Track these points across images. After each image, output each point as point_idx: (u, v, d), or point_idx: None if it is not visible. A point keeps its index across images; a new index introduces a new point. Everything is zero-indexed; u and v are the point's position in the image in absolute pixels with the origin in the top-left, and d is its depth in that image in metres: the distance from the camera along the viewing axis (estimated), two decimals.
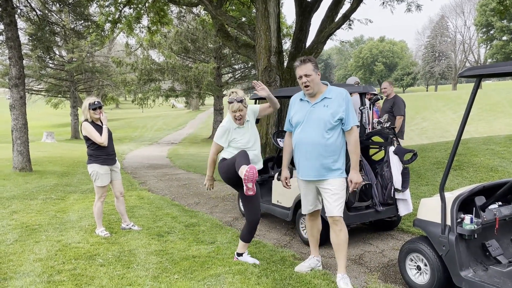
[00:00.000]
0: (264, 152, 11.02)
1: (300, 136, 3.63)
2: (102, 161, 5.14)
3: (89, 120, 5.12)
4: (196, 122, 43.10)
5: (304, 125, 3.61)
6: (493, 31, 58.11)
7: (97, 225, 5.37)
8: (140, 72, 25.57)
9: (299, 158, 3.68)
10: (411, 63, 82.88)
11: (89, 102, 5.10)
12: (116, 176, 5.41)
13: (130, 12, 14.61)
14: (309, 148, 3.57)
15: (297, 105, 3.75)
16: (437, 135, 25.47)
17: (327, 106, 3.55)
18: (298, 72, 3.57)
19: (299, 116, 3.66)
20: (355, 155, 3.57)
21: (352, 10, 10.81)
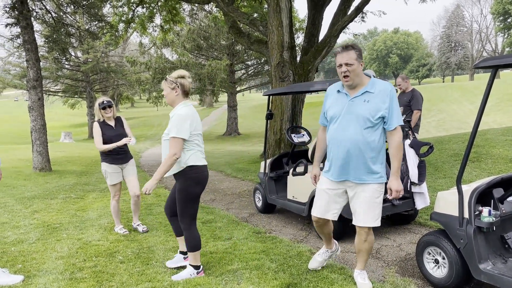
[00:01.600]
0: (279, 148, 11.04)
1: (336, 132, 3.24)
2: (110, 160, 5.16)
3: (101, 120, 5.19)
4: (210, 119, 43.31)
5: (341, 120, 3.21)
6: (510, 19, 56.77)
7: (115, 223, 5.46)
8: (154, 71, 25.81)
9: (333, 156, 3.30)
10: (426, 54, 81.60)
11: (98, 102, 5.18)
12: (128, 175, 5.31)
13: (143, 12, 14.76)
14: (345, 147, 3.19)
15: (334, 97, 3.34)
16: (454, 126, 25.08)
17: (367, 101, 3.14)
18: (338, 60, 3.18)
19: (336, 110, 3.26)
20: (397, 159, 3.21)
21: (365, 2, 10.70)
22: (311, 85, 5.49)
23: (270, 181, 6.11)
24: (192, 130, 3.63)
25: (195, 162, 3.66)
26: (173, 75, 3.78)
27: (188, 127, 3.58)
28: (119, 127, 5.25)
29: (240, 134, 29.85)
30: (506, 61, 2.80)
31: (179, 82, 3.74)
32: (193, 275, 3.76)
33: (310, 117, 24.15)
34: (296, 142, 5.98)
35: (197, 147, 3.71)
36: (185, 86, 3.77)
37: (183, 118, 3.57)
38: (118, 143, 5.07)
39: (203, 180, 3.74)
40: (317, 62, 11.38)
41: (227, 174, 10.71)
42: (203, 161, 3.76)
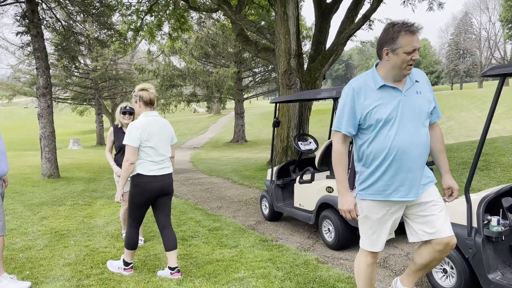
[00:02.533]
0: (286, 156, 11.03)
1: (398, 139, 2.49)
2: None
3: (119, 125, 5.19)
4: (217, 126, 43.43)
5: (400, 122, 2.50)
6: None
7: (122, 228, 5.47)
8: (162, 78, 26.01)
9: (393, 171, 2.53)
10: (434, 61, 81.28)
11: (121, 106, 5.16)
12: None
13: (152, 20, 14.92)
14: (415, 155, 2.52)
15: (375, 94, 2.54)
16: (463, 134, 24.89)
17: (420, 92, 2.58)
18: (409, 43, 2.41)
19: (388, 110, 2.50)
20: (445, 154, 2.78)
21: (372, 10, 10.73)
22: (318, 92, 5.50)
23: (277, 189, 6.10)
24: (142, 139, 3.81)
25: (142, 171, 3.84)
26: (136, 89, 4.02)
27: (137, 136, 3.77)
28: None
29: (247, 141, 29.88)
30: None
31: (139, 95, 3.94)
32: (120, 268, 4.11)
33: (317, 124, 24.12)
34: (303, 149, 5.97)
35: (148, 157, 3.87)
36: (144, 97, 3.94)
37: (133, 127, 3.81)
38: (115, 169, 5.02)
39: (148, 190, 3.88)
40: (324, 69, 11.39)
41: (234, 181, 10.71)
42: (155, 172, 3.89)
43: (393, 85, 2.54)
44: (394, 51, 2.45)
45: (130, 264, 4.12)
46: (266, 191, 6.36)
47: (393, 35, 2.44)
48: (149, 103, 3.97)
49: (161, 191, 3.97)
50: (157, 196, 3.98)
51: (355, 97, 2.58)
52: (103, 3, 14.20)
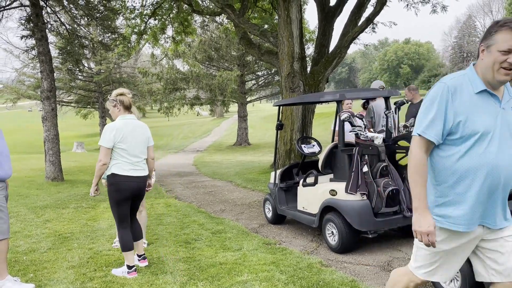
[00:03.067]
0: (289, 158, 11.01)
1: (501, 157, 2.07)
2: None
3: None
4: (220, 129, 43.47)
5: (495, 137, 2.08)
6: None
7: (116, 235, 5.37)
8: (166, 82, 26.07)
9: (485, 195, 2.11)
10: (438, 64, 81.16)
11: None
12: None
13: (155, 23, 14.97)
14: (506, 176, 2.10)
15: (473, 100, 2.11)
16: None
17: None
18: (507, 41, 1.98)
19: (486, 122, 2.08)
20: None
21: (376, 13, 10.72)
22: (321, 95, 5.50)
23: (280, 192, 6.09)
24: (116, 141, 4.02)
25: (116, 171, 4.06)
26: (113, 94, 4.20)
27: (111, 138, 4.00)
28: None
29: (250, 144, 29.87)
30: None
31: (119, 99, 4.17)
32: (124, 273, 4.13)
33: (321, 127, 24.10)
34: (306, 152, 5.96)
35: (122, 158, 4.08)
36: (125, 102, 4.19)
37: (108, 129, 4.03)
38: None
39: (124, 189, 4.08)
40: (327, 72, 11.38)
41: (237, 185, 10.70)
42: (129, 172, 4.09)
43: (492, 92, 2.11)
44: (489, 47, 2.05)
45: (132, 267, 4.15)
46: (269, 194, 6.35)
47: (492, 30, 2.05)
48: (129, 107, 4.21)
49: (137, 191, 4.19)
50: (134, 195, 4.19)
51: (449, 99, 2.09)
52: (107, 7, 14.26)
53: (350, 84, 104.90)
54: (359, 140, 4.74)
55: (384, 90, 5.44)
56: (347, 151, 4.81)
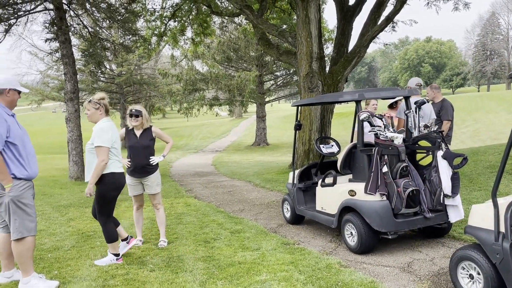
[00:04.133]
0: (307, 159, 10.98)
1: None
2: (128, 171, 5.20)
3: (129, 128, 5.26)
4: (239, 129, 43.60)
5: None
6: None
7: (137, 234, 5.47)
8: (185, 83, 26.31)
9: None
10: (460, 63, 79.51)
11: (129, 108, 5.30)
12: (147, 189, 5.28)
13: (175, 25, 15.14)
14: None
15: None
16: (491, 137, 24.22)
17: None
18: None
19: None
20: None
21: (396, 12, 10.58)
22: (340, 95, 5.47)
23: (298, 192, 6.08)
24: (112, 141, 4.39)
25: (114, 169, 4.41)
26: (96, 97, 4.49)
27: (109, 138, 4.35)
28: (144, 139, 5.14)
29: (268, 144, 29.87)
30: None
31: (102, 103, 4.49)
32: (113, 261, 4.53)
33: (340, 127, 23.93)
34: (325, 152, 5.93)
35: (115, 157, 4.46)
36: (107, 106, 4.55)
37: (104, 130, 4.35)
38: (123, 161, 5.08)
39: (120, 186, 4.52)
40: (346, 72, 11.30)
41: (256, 185, 10.73)
42: (121, 169, 4.51)
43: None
44: None
45: (118, 254, 4.58)
46: (288, 194, 6.35)
47: None
48: (108, 111, 4.59)
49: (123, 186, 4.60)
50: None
51: None
52: (128, 9, 14.51)
53: (369, 83, 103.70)
54: (378, 140, 4.70)
55: (404, 89, 5.37)
56: (367, 151, 4.78)
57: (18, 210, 3.77)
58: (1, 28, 12.81)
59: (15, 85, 3.92)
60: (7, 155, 3.74)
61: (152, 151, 5.24)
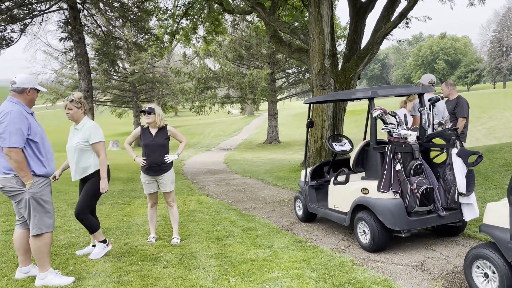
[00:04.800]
0: (320, 156, 10.95)
1: None
2: (144, 170, 5.24)
3: (145, 126, 5.31)
4: (251, 127, 43.64)
5: None
6: None
7: (151, 231, 5.52)
8: (197, 81, 26.43)
9: None
10: (475, 59, 78.25)
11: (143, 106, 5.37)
12: (161, 187, 5.30)
13: (187, 24, 15.21)
14: None
15: None
16: (507, 134, 23.81)
17: None
18: None
19: None
20: None
21: (409, 8, 10.47)
22: (353, 93, 5.44)
23: (310, 190, 6.07)
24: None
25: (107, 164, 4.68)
26: (77, 96, 4.65)
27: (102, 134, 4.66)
28: (159, 137, 5.17)
29: (280, 142, 29.85)
30: None
31: (83, 102, 4.69)
32: (105, 248, 4.71)
33: (352, 125, 23.78)
34: (338, 150, 5.90)
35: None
36: (86, 105, 4.79)
37: (98, 127, 4.63)
38: (136, 158, 5.22)
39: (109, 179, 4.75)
40: (359, 69, 11.23)
41: (268, 182, 10.74)
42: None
43: None
44: None
45: (106, 240, 4.77)
46: (300, 192, 6.34)
47: None
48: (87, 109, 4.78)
49: None
50: None
51: None
52: (140, 8, 14.62)
53: (382, 80, 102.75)
54: (391, 137, 4.67)
55: (418, 86, 5.31)
56: (380, 149, 4.75)
57: (38, 206, 3.85)
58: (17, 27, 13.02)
59: (34, 84, 4.00)
60: (28, 153, 3.81)
61: (167, 150, 5.27)
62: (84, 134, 4.54)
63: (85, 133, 4.54)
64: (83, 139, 4.53)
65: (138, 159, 5.18)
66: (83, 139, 4.53)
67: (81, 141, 4.53)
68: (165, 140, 5.22)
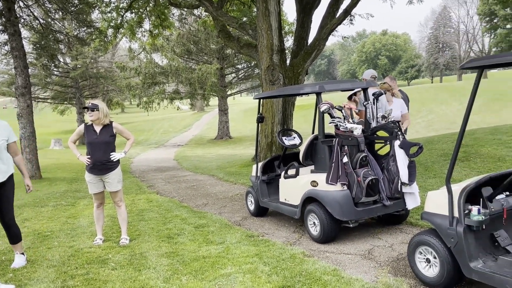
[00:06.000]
0: (271, 151, 11.05)
1: None
2: (88, 169, 5.03)
3: (88, 123, 5.09)
4: (201, 123, 43.22)
5: None
6: (496, 19, 57.43)
7: (98, 233, 5.32)
8: (144, 76, 25.71)
9: None
10: (415, 55, 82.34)
11: (86, 103, 5.14)
12: (107, 187, 5.11)
13: (132, 17, 14.71)
14: None
15: None
16: (444, 127, 25.33)
17: None
18: None
19: None
20: None
21: (353, 5, 10.78)
22: (301, 88, 5.52)
23: (262, 184, 6.11)
24: None
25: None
26: None
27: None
28: (104, 135, 4.97)
29: (231, 137, 29.82)
30: (492, 62, 2.84)
31: None
32: (25, 260, 4.53)
33: (301, 119, 24.22)
34: (287, 145, 5.99)
35: None
36: None
37: (9, 126, 4.44)
38: (80, 157, 4.99)
39: None
40: (307, 65, 11.43)
41: (219, 178, 10.70)
42: None
43: None
44: None
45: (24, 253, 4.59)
46: (252, 187, 6.37)
47: None
48: None
49: None
50: None
51: None
52: (81, 0, 13.94)
53: (329, 76, 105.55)
54: (338, 131, 4.79)
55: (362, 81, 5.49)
56: (327, 142, 4.86)
57: None
58: None
59: None
60: None
61: (113, 148, 5.08)
62: (6, 132, 4.33)
63: (5, 131, 4.33)
64: (5, 136, 4.31)
65: (82, 158, 4.94)
66: (5, 136, 4.32)
67: (5, 139, 4.32)
68: (110, 137, 5.02)
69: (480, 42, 70.13)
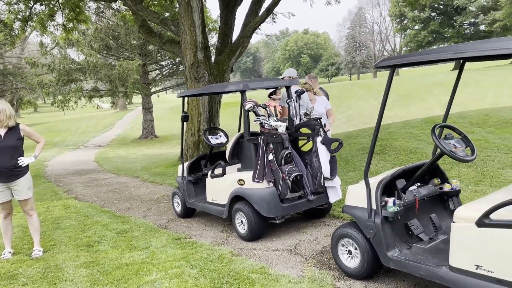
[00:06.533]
0: (197, 150, 10.89)
1: None
2: None
3: None
4: (124, 122, 41.44)
5: None
6: (406, 21, 62.15)
7: (6, 246, 4.85)
8: (58, 73, 23.96)
9: None
10: (334, 53, 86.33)
11: None
12: (16, 195, 4.69)
13: (42, 9, 13.62)
14: None
15: None
16: (362, 122, 26.86)
17: None
18: None
19: None
20: None
21: (275, 4, 10.97)
22: (226, 85, 5.47)
23: (188, 185, 5.98)
24: None
25: None
26: None
27: None
28: (9, 139, 4.54)
29: (157, 136, 28.96)
30: (402, 61, 3.01)
31: None
32: None
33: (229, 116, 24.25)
34: (214, 143, 5.92)
35: None
36: None
37: None
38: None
39: None
40: (231, 62, 11.41)
41: (144, 180, 10.30)
42: None
43: None
44: None
45: None
46: (178, 187, 6.20)
47: None
48: None
49: None
50: None
51: None
52: None
53: (255, 73, 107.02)
54: (263, 129, 4.82)
55: (285, 79, 5.58)
56: (253, 140, 4.87)
57: None
58: None
59: None
60: None
61: (20, 152, 4.63)
62: None
63: None
64: None
65: None
66: None
67: None
68: (17, 141, 4.57)
69: (392, 41, 75.50)
